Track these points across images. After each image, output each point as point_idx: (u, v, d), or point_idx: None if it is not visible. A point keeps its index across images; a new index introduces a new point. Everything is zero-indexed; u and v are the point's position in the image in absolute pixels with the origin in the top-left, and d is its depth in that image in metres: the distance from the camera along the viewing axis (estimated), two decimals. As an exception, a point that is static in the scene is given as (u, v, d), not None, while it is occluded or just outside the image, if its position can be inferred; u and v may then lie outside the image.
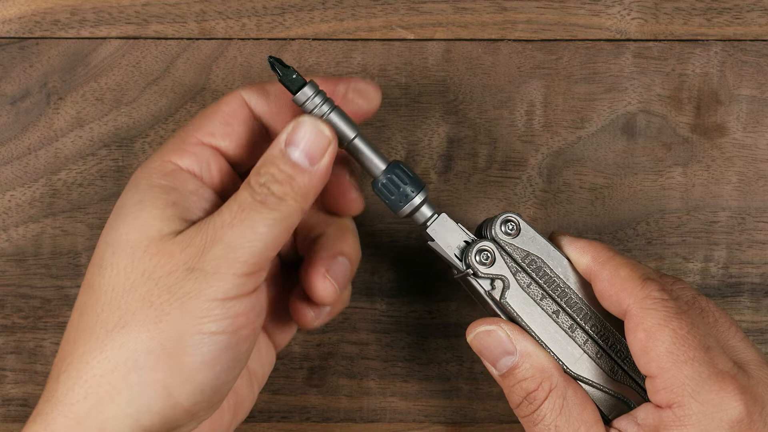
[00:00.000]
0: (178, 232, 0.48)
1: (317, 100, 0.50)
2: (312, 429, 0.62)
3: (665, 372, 0.48)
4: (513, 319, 0.52)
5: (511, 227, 0.52)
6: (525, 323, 0.52)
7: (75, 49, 0.61)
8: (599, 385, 0.52)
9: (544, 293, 0.52)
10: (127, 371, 0.46)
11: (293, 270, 0.56)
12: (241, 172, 0.53)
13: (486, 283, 0.52)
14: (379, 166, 0.51)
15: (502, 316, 0.52)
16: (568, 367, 0.52)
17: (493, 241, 0.52)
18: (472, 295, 0.54)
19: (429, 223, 0.52)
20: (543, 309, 0.52)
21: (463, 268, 0.52)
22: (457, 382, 0.62)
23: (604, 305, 0.51)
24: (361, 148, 0.51)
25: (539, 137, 0.61)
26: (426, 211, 0.52)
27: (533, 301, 0.52)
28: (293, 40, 0.61)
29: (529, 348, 0.51)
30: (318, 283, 0.52)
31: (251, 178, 0.49)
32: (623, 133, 0.61)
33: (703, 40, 0.61)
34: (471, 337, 0.52)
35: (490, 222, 0.53)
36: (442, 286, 0.62)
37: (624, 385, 0.52)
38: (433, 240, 0.52)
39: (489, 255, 0.52)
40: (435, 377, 0.62)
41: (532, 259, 0.52)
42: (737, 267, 0.61)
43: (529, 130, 0.61)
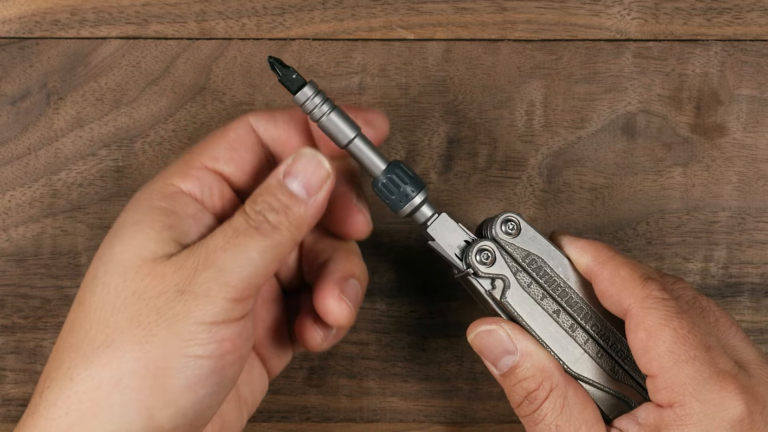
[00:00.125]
0: (172, 255, 0.48)
1: (317, 100, 0.50)
2: (312, 429, 0.62)
3: (666, 371, 0.48)
4: (513, 318, 0.52)
5: (511, 227, 0.52)
6: (525, 323, 0.52)
7: (75, 49, 0.61)
8: (600, 384, 0.52)
9: (545, 293, 0.52)
10: (111, 390, 0.46)
11: (294, 297, 0.57)
12: (244, 198, 0.53)
13: (486, 283, 0.52)
14: (379, 165, 0.51)
15: (503, 316, 0.52)
16: (568, 367, 0.52)
17: (494, 240, 0.52)
18: (473, 295, 0.54)
19: (429, 223, 0.52)
20: (543, 308, 0.52)
21: (464, 267, 0.52)
22: (457, 382, 0.62)
23: (605, 305, 0.51)
24: (362, 148, 0.51)
25: (539, 137, 0.61)
26: (426, 211, 0.52)
27: (534, 301, 0.52)
28: (293, 40, 0.61)
29: (529, 347, 0.51)
30: (333, 305, 0.52)
31: (247, 205, 0.49)
32: (623, 133, 0.61)
33: (703, 40, 0.61)
34: (471, 336, 0.52)
35: (490, 222, 0.53)
36: (442, 286, 0.62)
37: (625, 384, 0.52)
38: (433, 240, 0.52)
39: (489, 254, 0.52)
40: (435, 377, 0.62)
41: (533, 259, 0.52)
42: (737, 267, 0.61)
43: (529, 130, 0.61)
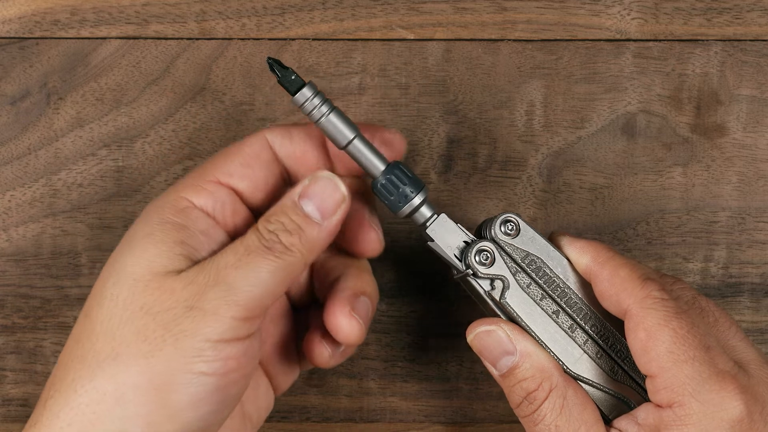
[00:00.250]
0: (182, 271, 0.48)
1: (316, 101, 0.50)
2: (312, 429, 0.62)
3: (665, 371, 0.48)
4: (513, 319, 0.52)
5: (510, 227, 0.52)
6: (525, 323, 0.52)
7: (75, 49, 0.61)
8: (599, 385, 0.52)
9: (544, 293, 0.52)
10: (114, 403, 0.46)
11: (303, 313, 0.57)
12: (257, 214, 0.53)
13: (486, 284, 0.52)
14: (378, 166, 0.51)
15: (502, 317, 0.52)
16: (568, 367, 0.52)
17: (493, 241, 0.52)
18: (472, 296, 0.54)
19: (428, 224, 0.52)
20: (543, 309, 0.52)
21: (463, 268, 0.52)
22: (457, 382, 0.62)
23: (604, 305, 0.51)
24: (361, 149, 0.51)
25: (539, 137, 0.61)
26: (425, 212, 0.52)
27: (533, 301, 0.52)
28: (293, 40, 0.61)
29: (529, 348, 0.51)
30: (344, 322, 0.52)
31: (260, 223, 0.49)
32: (623, 133, 0.61)
33: (703, 40, 0.61)
34: (471, 337, 0.52)
35: (489, 222, 0.53)
36: (442, 286, 0.62)
37: (624, 385, 0.52)
38: (432, 240, 0.52)
39: (489, 255, 0.52)
40: (435, 377, 0.62)
41: (532, 260, 0.52)
42: (737, 267, 0.61)
43: (529, 130, 0.61)
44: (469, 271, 0.52)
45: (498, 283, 0.52)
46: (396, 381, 0.62)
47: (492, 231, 0.52)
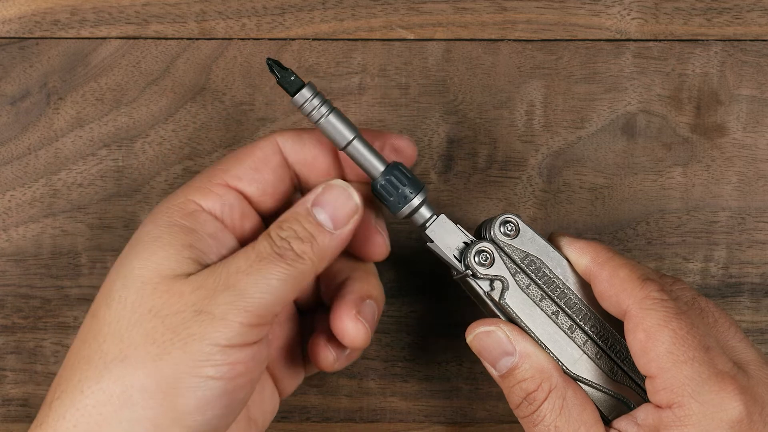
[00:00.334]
0: (190, 275, 0.48)
1: (316, 101, 0.50)
2: (312, 429, 0.62)
3: (665, 372, 0.48)
4: (512, 319, 0.52)
5: (510, 228, 0.52)
6: (524, 324, 0.52)
7: (75, 49, 0.61)
8: (599, 385, 0.52)
9: (544, 294, 0.52)
10: (120, 405, 0.46)
11: (309, 316, 0.57)
12: (264, 218, 0.53)
13: (485, 284, 0.52)
14: (377, 167, 0.51)
15: (502, 317, 0.52)
16: (567, 368, 0.52)
17: (492, 242, 0.52)
18: (472, 296, 0.54)
19: (428, 225, 0.52)
20: (542, 310, 0.52)
21: (462, 269, 0.52)
22: (457, 382, 0.62)
23: (604, 306, 0.51)
24: (360, 150, 0.51)
25: (539, 137, 0.61)
26: (425, 213, 0.52)
27: (532, 302, 0.52)
28: (293, 40, 0.61)
29: (528, 348, 0.51)
30: (350, 326, 0.52)
31: (272, 230, 0.49)
32: (623, 133, 0.61)
33: (703, 40, 0.61)
34: (470, 338, 0.52)
35: (488, 223, 0.53)
36: (442, 286, 0.62)
37: (624, 385, 0.52)
38: (432, 241, 0.52)
39: (488, 256, 0.52)
40: (435, 377, 0.62)
41: (531, 260, 0.52)
42: (737, 267, 0.61)
43: (529, 130, 0.61)
44: (469, 271, 0.52)
45: (497, 284, 0.52)
46: (396, 381, 0.62)
47: (491, 232, 0.52)
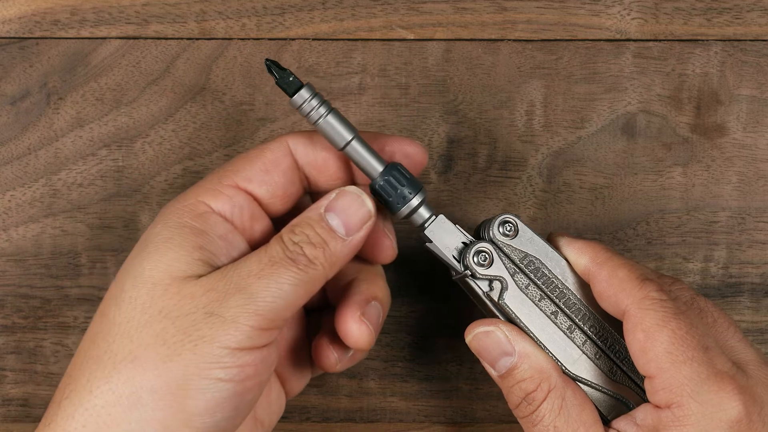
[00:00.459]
0: (201, 276, 0.48)
1: (314, 102, 0.50)
2: (312, 429, 0.62)
3: (664, 372, 0.48)
4: (511, 320, 0.52)
5: (508, 228, 0.52)
6: (523, 324, 0.52)
7: (75, 49, 0.61)
8: (598, 385, 0.52)
9: (543, 294, 0.52)
10: (130, 406, 0.46)
11: (315, 316, 0.57)
12: (273, 220, 0.53)
13: (484, 285, 0.52)
14: (376, 168, 0.51)
15: (501, 317, 0.52)
16: (566, 368, 0.52)
17: (491, 242, 0.52)
18: (471, 297, 0.54)
19: (427, 225, 0.52)
20: (541, 310, 0.52)
21: (461, 269, 0.52)
22: (457, 382, 0.62)
23: (603, 306, 0.51)
24: (359, 150, 0.51)
25: (539, 137, 0.61)
26: (424, 213, 0.52)
27: (531, 302, 0.52)
28: (293, 40, 0.61)
29: (527, 349, 0.51)
30: (354, 327, 0.52)
31: (285, 234, 0.49)
32: (623, 133, 0.61)
33: (703, 40, 0.61)
34: (469, 338, 0.52)
35: (487, 223, 0.53)
36: (442, 286, 0.62)
37: (623, 385, 0.52)
38: (431, 241, 0.52)
39: (487, 256, 0.52)
40: (435, 377, 0.62)
41: (530, 260, 0.52)
42: (737, 267, 0.61)
43: (529, 130, 0.61)
44: (468, 272, 0.52)
45: (496, 284, 0.52)
46: (396, 381, 0.62)
47: (490, 232, 0.52)
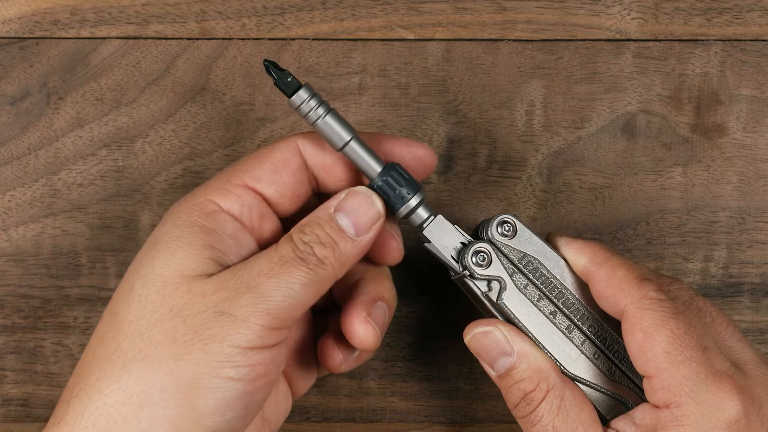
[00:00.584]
0: (211, 275, 0.48)
1: (313, 103, 0.50)
2: (312, 429, 0.62)
3: (663, 372, 0.48)
4: (510, 320, 0.52)
5: (507, 228, 0.52)
6: (522, 324, 0.52)
7: (75, 49, 0.61)
8: (597, 385, 0.52)
9: (541, 294, 0.52)
10: (140, 405, 0.46)
11: (322, 317, 0.57)
12: (282, 220, 0.53)
13: (483, 285, 0.52)
14: (375, 168, 0.51)
15: (499, 317, 0.52)
16: (565, 368, 0.52)
17: (490, 242, 0.52)
18: (469, 297, 0.54)
19: (425, 225, 0.52)
20: (540, 310, 0.52)
21: (460, 269, 0.52)
22: (457, 382, 0.62)
23: (602, 306, 0.51)
24: (358, 151, 0.51)
25: (539, 137, 0.61)
26: (422, 213, 0.52)
27: (530, 302, 0.52)
28: (293, 40, 0.61)
29: (526, 349, 0.51)
30: (359, 327, 0.52)
31: (295, 234, 0.49)
32: (623, 133, 0.61)
33: (703, 40, 0.61)
34: (468, 338, 0.52)
35: (486, 223, 0.53)
36: (442, 286, 0.62)
37: (622, 385, 0.52)
38: (429, 242, 0.52)
39: (485, 256, 0.52)
40: (435, 377, 0.62)
41: (529, 260, 0.52)
42: (737, 267, 0.61)
43: (529, 130, 0.61)
44: (466, 272, 0.52)
45: (495, 284, 0.52)
46: (396, 381, 0.62)
47: (489, 232, 0.52)
